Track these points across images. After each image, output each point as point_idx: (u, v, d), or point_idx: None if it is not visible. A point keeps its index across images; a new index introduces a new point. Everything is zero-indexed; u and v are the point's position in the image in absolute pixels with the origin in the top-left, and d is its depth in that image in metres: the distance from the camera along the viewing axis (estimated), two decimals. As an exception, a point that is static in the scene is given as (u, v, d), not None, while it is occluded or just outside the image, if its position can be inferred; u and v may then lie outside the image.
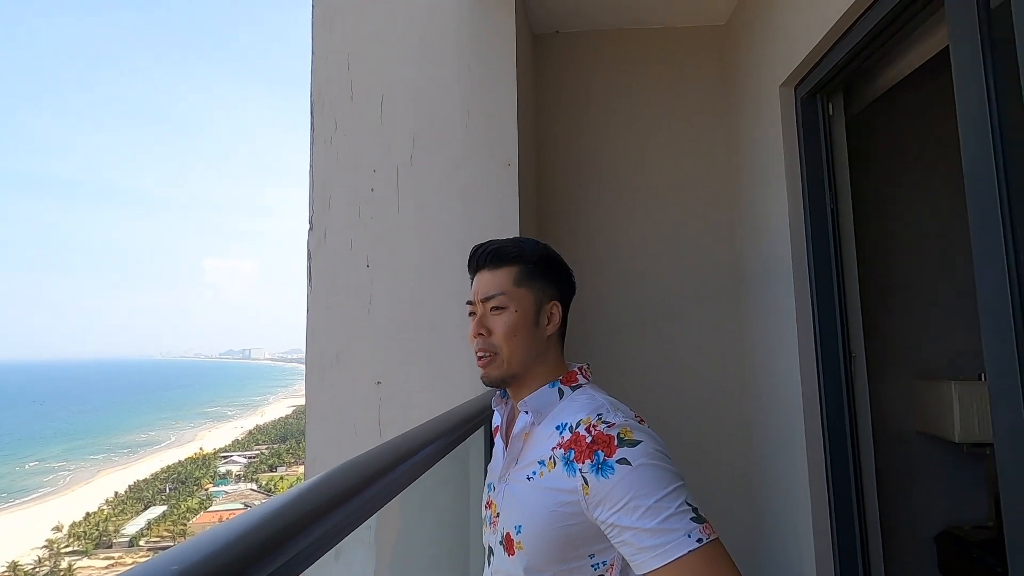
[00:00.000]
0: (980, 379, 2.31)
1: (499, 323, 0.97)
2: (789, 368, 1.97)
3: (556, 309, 1.02)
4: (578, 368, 1.03)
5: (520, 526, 0.91)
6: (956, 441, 2.29)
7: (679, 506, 0.79)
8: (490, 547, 1.00)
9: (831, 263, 1.88)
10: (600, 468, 0.83)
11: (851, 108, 2.04)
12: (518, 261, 1.00)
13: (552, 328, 1.01)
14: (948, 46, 1.19)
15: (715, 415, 2.42)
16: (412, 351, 1.93)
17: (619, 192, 2.54)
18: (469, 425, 1.15)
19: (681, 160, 2.54)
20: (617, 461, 0.82)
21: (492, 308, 0.98)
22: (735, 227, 2.47)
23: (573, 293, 1.07)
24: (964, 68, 1.15)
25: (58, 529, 32.32)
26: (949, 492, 2.46)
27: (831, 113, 1.92)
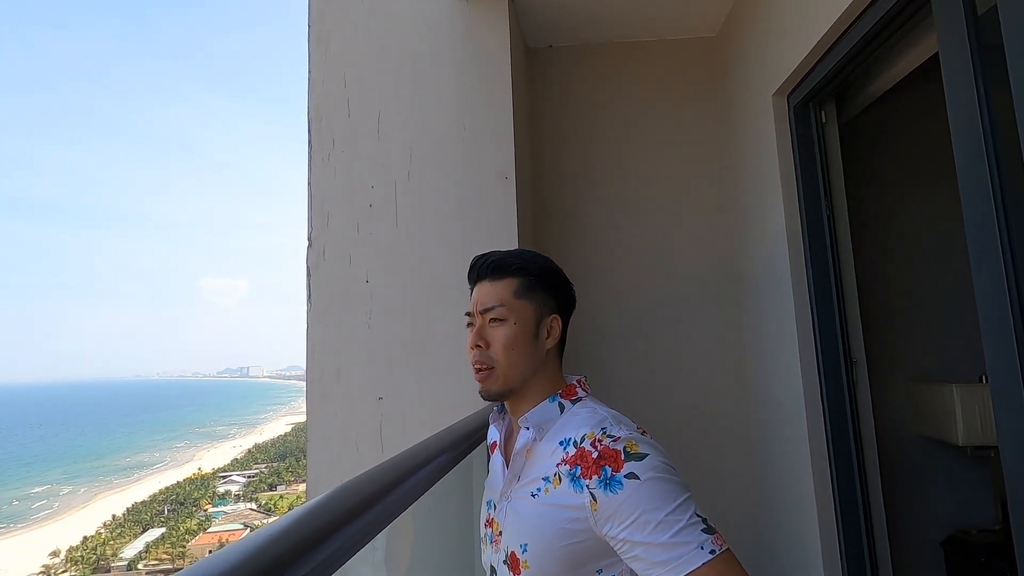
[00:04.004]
0: (981, 381, 2.31)
1: (498, 335, 0.95)
2: (791, 375, 1.96)
3: (556, 322, 1.00)
4: (576, 381, 1.01)
5: (526, 544, 0.89)
6: (960, 444, 2.28)
7: (690, 518, 0.78)
8: (492, 567, 0.97)
9: (829, 269, 1.88)
10: (608, 483, 0.82)
11: (844, 115, 2.05)
12: (519, 273, 0.98)
13: (552, 341, 0.99)
14: (938, 52, 1.20)
15: (717, 424, 2.41)
16: (413, 366, 1.92)
17: (616, 202, 2.55)
18: (473, 439, 1.14)
19: (677, 170, 2.55)
20: (625, 476, 0.81)
21: (491, 320, 0.96)
22: (732, 235, 2.48)
23: (574, 307, 1.06)
24: (954, 74, 1.16)
25: (55, 554, 31.93)
26: (955, 496, 2.45)
27: (824, 121, 1.93)
